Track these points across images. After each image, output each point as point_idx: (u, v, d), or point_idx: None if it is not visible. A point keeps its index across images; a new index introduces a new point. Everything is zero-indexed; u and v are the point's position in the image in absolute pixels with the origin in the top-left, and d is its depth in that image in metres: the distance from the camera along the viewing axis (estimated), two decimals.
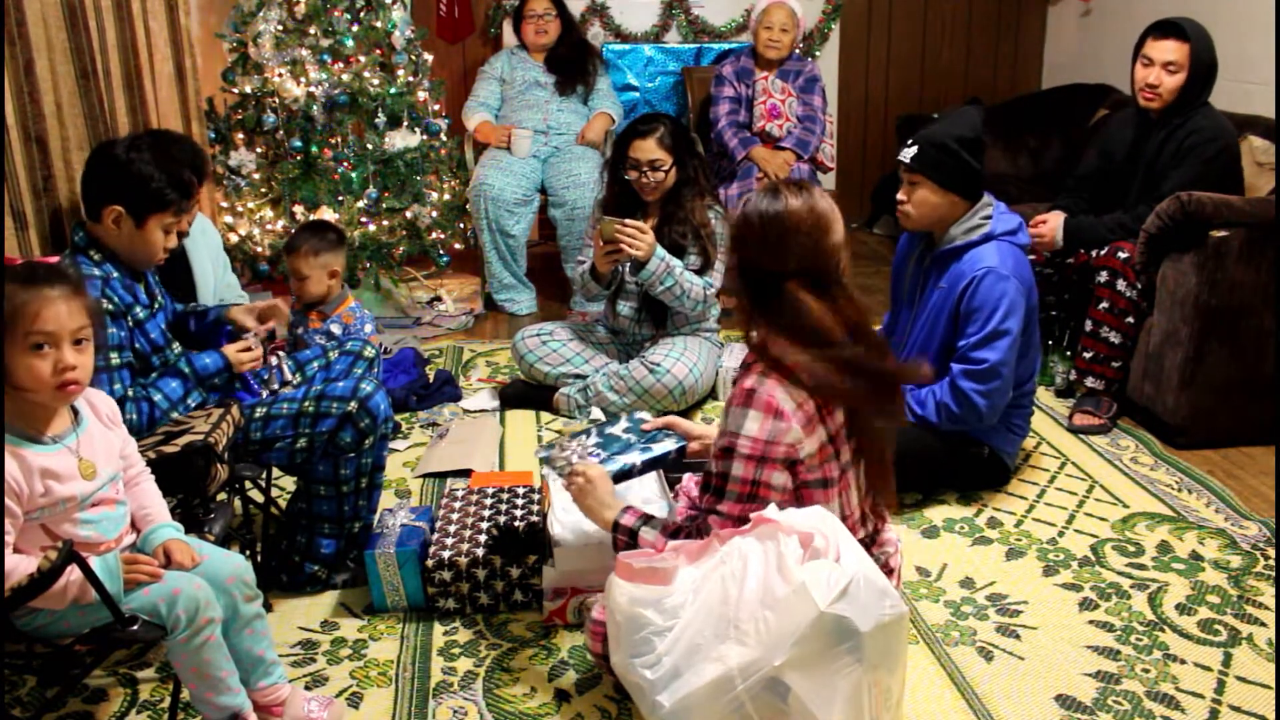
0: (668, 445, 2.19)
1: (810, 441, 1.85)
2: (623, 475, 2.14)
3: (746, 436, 1.83)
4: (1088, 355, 3.26)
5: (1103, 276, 3.19)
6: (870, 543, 2.01)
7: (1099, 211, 3.38)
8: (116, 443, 1.86)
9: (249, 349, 2.38)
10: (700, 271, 3.32)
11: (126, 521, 1.84)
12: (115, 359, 2.14)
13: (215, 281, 2.85)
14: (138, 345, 2.23)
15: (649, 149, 3.25)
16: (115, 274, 2.20)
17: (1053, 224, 3.34)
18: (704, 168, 3.43)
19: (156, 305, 2.33)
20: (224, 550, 1.95)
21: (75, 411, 1.79)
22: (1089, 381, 3.26)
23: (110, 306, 2.15)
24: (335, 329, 2.93)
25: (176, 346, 2.36)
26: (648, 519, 1.98)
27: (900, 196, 2.74)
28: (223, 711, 1.81)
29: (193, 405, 2.27)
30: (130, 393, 2.17)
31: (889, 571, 2.00)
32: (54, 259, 1.77)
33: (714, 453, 1.90)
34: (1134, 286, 3.14)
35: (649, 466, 2.19)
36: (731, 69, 4.56)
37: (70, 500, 1.72)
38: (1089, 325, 3.24)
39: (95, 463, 1.77)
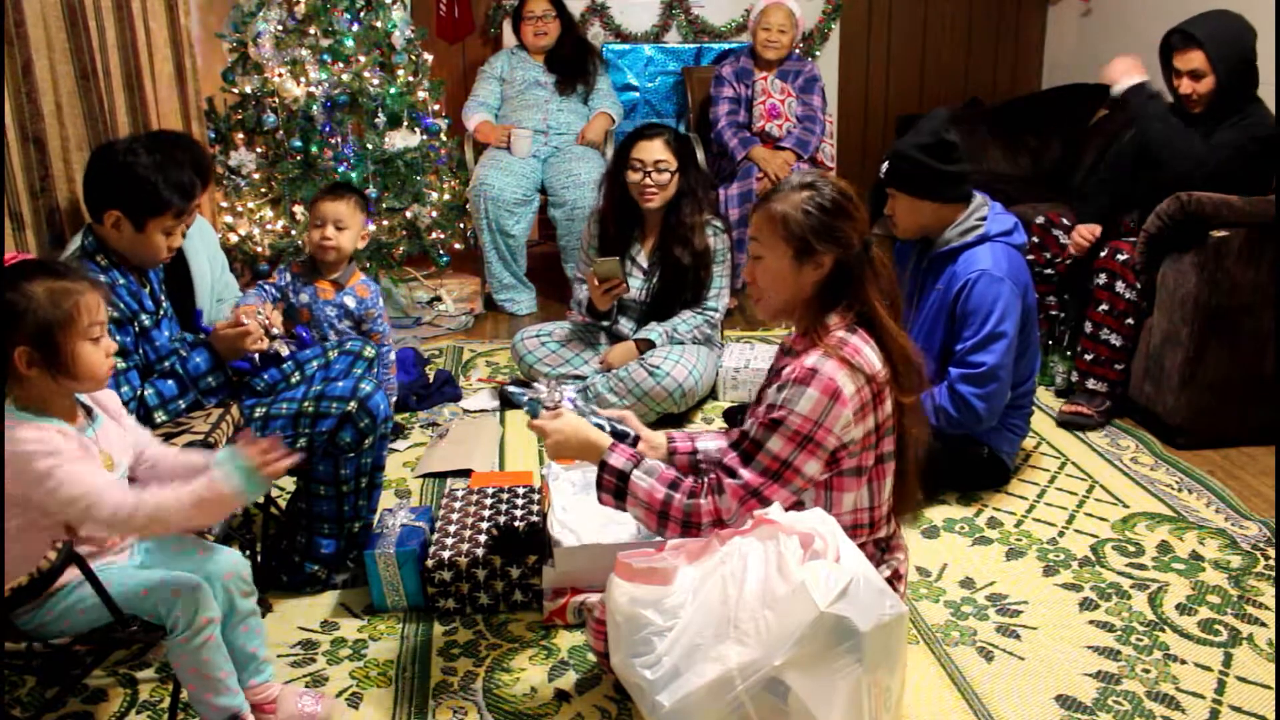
0: (624, 430, 2.14)
1: (858, 429, 1.85)
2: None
3: (797, 414, 1.81)
4: (1089, 358, 3.25)
5: (1101, 279, 3.18)
6: (887, 547, 2.01)
7: (1127, 201, 3.33)
8: (129, 437, 1.87)
9: (240, 326, 2.31)
10: (695, 298, 3.35)
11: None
12: (121, 363, 2.14)
13: (213, 281, 2.84)
14: (143, 350, 2.23)
15: (655, 149, 3.26)
16: (121, 280, 2.20)
17: (1086, 228, 3.32)
18: (703, 182, 3.44)
19: (161, 312, 2.33)
20: (223, 548, 1.96)
21: (88, 409, 1.80)
22: (1090, 383, 3.26)
23: (115, 313, 2.15)
24: (350, 302, 2.91)
25: (183, 353, 2.36)
26: (639, 460, 1.93)
27: (886, 211, 2.79)
28: (221, 712, 1.81)
29: (184, 408, 2.26)
30: (138, 394, 2.18)
31: (898, 578, 2.01)
32: (24, 255, 1.79)
33: (759, 420, 1.88)
34: (1133, 288, 3.13)
35: (614, 438, 2.13)
36: (731, 69, 4.56)
37: None
38: (1089, 327, 3.24)
39: (112, 455, 1.78)
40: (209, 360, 2.28)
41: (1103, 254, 3.21)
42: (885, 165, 2.73)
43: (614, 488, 1.92)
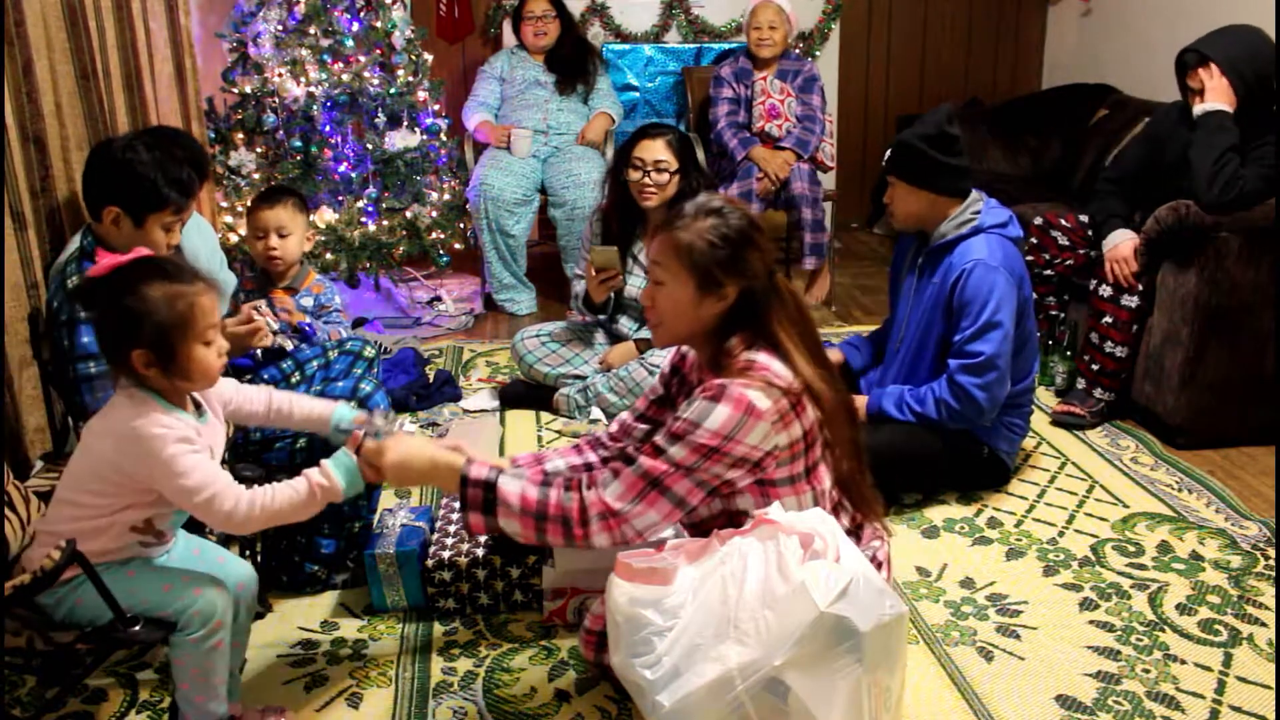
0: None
1: (781, 436, 1.83)
2: None
3: (706, 429, 1.79)
4: (1095, 368, 3.25)
5: (1106, 291, 3.18)
6: (857, 538, 2.01)
7: (1137, 205, 3.25)
8: (223, 434, 1.90)
9: (251, 323, 2.37)
10: None
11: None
12: None
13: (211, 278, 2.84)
14: None
15: (656, 149, 3.26)
16: None
17: (1125, 250, 3.13)
18: (707, 184, 3.43)
19: None
20: (237, 557, 1.97)
21: (196, 403, 1.82)
22: (1097, 393, 3.26)
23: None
24: (308, 302, 2.77)
25: None
26: (501, 470, 1.85)
27: (885, 199, 2.82)
28: (209, 716, 1.81)
29: None
30: None
31: (877, 565, 2.00)
32: (145, 251, 1.81)
33: (666, 430, 1.85)
34: (1135, 294, 3.13)
35: None
36: (730, 70, 4.56)
37: None
38: (1094, 337, 3.23)
39: (214, 450, 1.81)
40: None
41: (1104, 265, 3.20)
42: (888, 153, 2.77)
43: (481, 500, 1.81)
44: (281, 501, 1.74)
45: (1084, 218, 3.49)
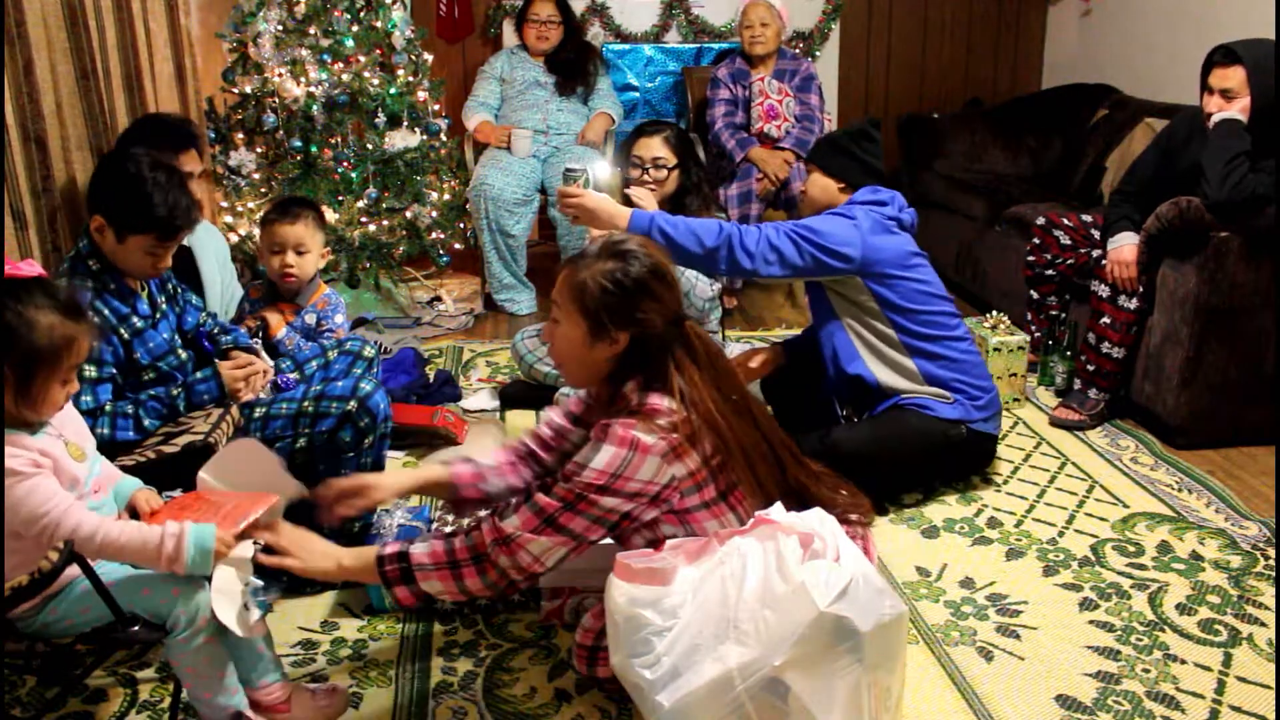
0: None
1: (677, 468, 1.81)
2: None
3: (592, 469, 1.77)
4: (1091, 369, 3.26)
5: (1104, 291, 3.18)
6: None
7: (1146, 215, 3.16)
8: (79, 424, 1.86)
9: (244, 368, 2.31)
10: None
11: (115, 512, 1.84)
12: (93, 373, 2.12)
13: (222, 288, 2.83)
14: (136, 355, 2.21)
15: (654, 146, 3.26)
16: (112, 285, 2.18)
17: (1129, 254, 3.12)
18: (708, 178, 3.43)
19: (159, 315, 2.30)
20: None
21: None
22: (1092, 393, 3.26)
23: (98, 320, 2.11)
24: (311, 320, 2.71)
25: (182, 354, 2.33)
26: (411, 542, 1.85)
27: (800, 189, 2.99)
28: (221, 712, 1.81)
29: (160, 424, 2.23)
30: (108, 407, 2.14)
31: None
32: (39, 271, 1.75)
33: (563, 469, 1.84)
34: (1135, 296, 3.13)
35: None
36: (727, 71, 4.56)
37: (76, 482, 1.74)
38: (1091, 338, 3.24)
39: (80, 444, 1.79)
40: (214, 391, 2.26)
41: (1104, 264, 3.20)
42: (810, 146, 2.92)
43: (399, 572, 1.82)
44: (125, 538, 1.66)
45: (1086, 217, 3.49)
